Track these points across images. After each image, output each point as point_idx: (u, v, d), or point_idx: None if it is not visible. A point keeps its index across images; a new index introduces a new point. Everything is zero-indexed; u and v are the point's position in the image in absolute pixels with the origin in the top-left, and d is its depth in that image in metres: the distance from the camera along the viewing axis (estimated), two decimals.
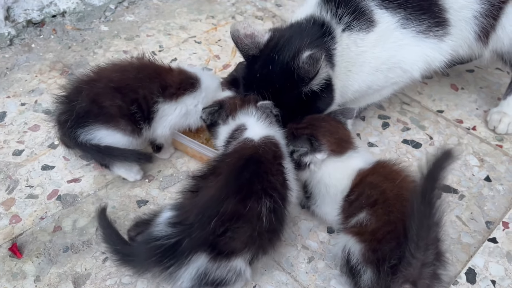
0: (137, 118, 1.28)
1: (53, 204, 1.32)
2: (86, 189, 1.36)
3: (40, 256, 1.19)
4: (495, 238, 1.25)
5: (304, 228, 1.27)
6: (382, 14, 1.25)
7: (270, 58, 1.21)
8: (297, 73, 1.16)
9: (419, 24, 1.27)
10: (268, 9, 2.20)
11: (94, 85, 1.25)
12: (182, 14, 2.15)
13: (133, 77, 1.27)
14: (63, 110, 1.27)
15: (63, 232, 1.25)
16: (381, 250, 0.97)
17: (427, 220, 0.88)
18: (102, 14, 2.11)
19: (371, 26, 1.25)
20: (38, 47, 1.91)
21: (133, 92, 1.26)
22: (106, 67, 1.34)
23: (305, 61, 1.14)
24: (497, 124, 1.55)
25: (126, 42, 1.95)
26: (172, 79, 1.32)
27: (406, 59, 1.30)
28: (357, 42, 1.25)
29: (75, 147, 1.28)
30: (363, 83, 1.31)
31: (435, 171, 0.86)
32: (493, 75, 1.82)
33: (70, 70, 1.79)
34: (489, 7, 1.31)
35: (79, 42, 1.95)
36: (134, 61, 1.34)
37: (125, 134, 1.27)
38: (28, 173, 1.40)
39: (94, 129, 1.24)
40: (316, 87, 1.19)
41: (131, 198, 1.34)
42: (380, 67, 1.29)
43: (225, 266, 0.95)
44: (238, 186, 0.96)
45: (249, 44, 1.23)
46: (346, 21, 1.24)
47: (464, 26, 1.33)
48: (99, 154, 1.27)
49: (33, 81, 1.74)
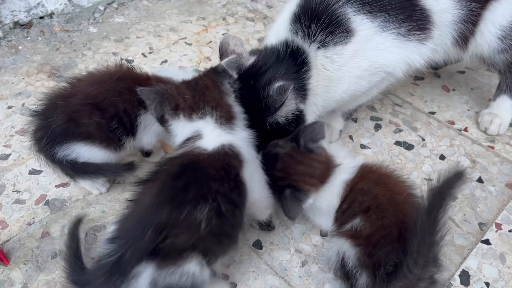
0: (118, 133, 1.23)
1: (41, 209, 1.29)
2: (75, 193, 1.33)
3: (27, 263, 1.16)
4: (488, 239, 1.24)
5: (297, 232, 1.25)
6: (360, 20, 1.22)
7: (247, 83, 1.18)
8: (265, 102, 1.15)
9: (399, 26, 1.24)
10: (259, 11, 2.19)
11: (70, 101, 1.19)
12: (172, 16, 2.13)
13: (111, 89, 1.21)
14: (39, 126, 1.21)
15: (51, 238, 1.22)
16: (376, 254, 0.96)
17: (430, 238, 0.87)
18: (91, 15, 2.08)
19: (349, 36, 1.21)
20: (26, 49, 1.88)
21: (112, 106, 1.20)
22: (83, 79, 1.27)
23: (275, 91, 1.14)
24: (488, 125, 1.56)
25: (115, 44, 1.93)
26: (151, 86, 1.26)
27: (389, 62, 1.28)
28: (333, 58, 1.23)
29: (52, 164, 1.22)
30: (345, 92, 1.29)
31: (444, 190, 0.85)
32: (483, 77, 1.82)
33: (58, 72, 1.76)
34: (467, 13, 1.31)
35: (68, 44, 1.92)
36: (111, 70, 1.27)
37: (105, 149, 1.23)
38: (15, 178, 1.37)
39: (72, 145, 1.20)
40: (282, 120, 1.18)
41: (121, 202, 1.31)
42: (362, 74, 1.27)
43: (176, 271, 0.93)
44: (172, 194, 0.94)
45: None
46: (320, 39, 1.21)
47: (444, 31, 1.33)
48: (75, 172, 1.22)
49: (20, 84, 1.70)
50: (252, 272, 1.16)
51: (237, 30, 2.04)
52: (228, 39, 1.22)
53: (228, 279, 1.14)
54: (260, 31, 2.03)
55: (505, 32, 1.36)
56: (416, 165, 1.45)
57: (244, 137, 1.10)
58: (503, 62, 1.44)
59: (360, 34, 1.22)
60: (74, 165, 1.21)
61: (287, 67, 1.21)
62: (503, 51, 1.40)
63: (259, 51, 1.27)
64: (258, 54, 1.25)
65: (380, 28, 1.23)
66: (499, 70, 1.49)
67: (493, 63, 1.45)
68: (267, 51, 1.25)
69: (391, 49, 1.26)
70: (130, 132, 1.25)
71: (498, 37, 1.37)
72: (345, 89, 1.28)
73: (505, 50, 1.40)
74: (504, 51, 1.40)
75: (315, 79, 1.23)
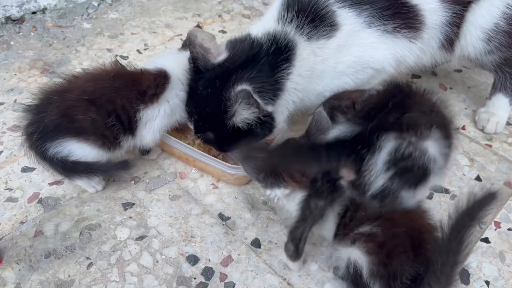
0: (115, 131, 1.20)
1: (34, 208, 1.26)
2: (69, 191, 1.31)
3: (20, 262, 1.13)
4: (487, 238, 1.24)
5: None
6: (345, 14, 1.20)
7: (212, 82, 1.14)
8: (224, 104, 1.11)
9: (385, 23, 1.22)
10: (255, 8, 2.17)
11: (66, 96, 1.16)
12: (167, 12, 2.10)
13: (109, 86, 1.19)
14: (31, 121, 1.18)
15: (44, 237, 1.19)
16: (391, 265, 0.93)
17: (454, 257, 0.84)
18: (84, 11, 2.05)
19: (333, 30, 1.19)
20: (18, 44, 1.84)
21: (110, 103, 1.18)
22: (79, 76, 1.24)
23: (235, 95, 1.09)
24: (486, 124, 1.56)
25: (109, 40, 1.90)
26: (148, 80, 1.24)
27: (374, 58, 1.25)
28: (316, 51, 1.20)
29: (42, 161, 1.19)
30: (327, 87, 1.26)
31: (474, 210, 0.82)
32: (480, 75, 1.82)
33: (51, 69, 1.73)
34: (452, 15, 1.29)
35: (61, 40, 1.88)
36: (108, 68, 1.25)
37: (99, 148, 1.20)
38: (7, 176, 1.34)
39: (64, 142, 1.16)
40: (242, 124, 1.13)
41: (117, 200, 1.29)
42: (346, 70, 1.25)
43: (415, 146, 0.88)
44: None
45: (200, 55, 1.16)
46: (307, 31, 1.18)
47: (432, 33, 1.31)
48: (65, 170, 1.20)
49: (12, 80, 1.67)
50: (251, 271, 1.14)
51: (233, 27, 2.02)
52: (197, 32, 1.17)
53: (226, 279, 1.12)
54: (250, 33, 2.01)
55: (488, 35, 1.34)
56: None
57: None
58: (491, 63, 1.43)
59: (345, 29, 1.20)
60: (64, 164, 1.18)
61: (261, 67, 1.14)
62: (490, 52, 1.38)
63: (236, 43, 1.20)
64: (233, 49, 1.18)
65: (366, 24, 1.21)
66: (489, 70, 1.49)
67: (481, 64, 1.44)
68: (245, 45, 1.19)
69: (377, 45, 1.24)
70: (129, 130, 1.23)
71: (481, 39, 1.35)
72: (328, 83, 1.25)
73: (492, 51, 1.38)
74: (491, 53, 1.39)
75: (297, 74, 1.19)
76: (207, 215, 1.26)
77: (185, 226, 1.23)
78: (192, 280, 1.11)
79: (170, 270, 1.13)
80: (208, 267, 1.14)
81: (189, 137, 1.43)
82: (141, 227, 1.22)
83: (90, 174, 1.23)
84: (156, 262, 1.15)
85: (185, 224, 1.24)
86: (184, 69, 1.26)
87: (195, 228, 1.23)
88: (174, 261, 1.15)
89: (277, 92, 1.17)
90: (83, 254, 1.15)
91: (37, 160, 1.20)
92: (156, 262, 1.15)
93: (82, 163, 1.19)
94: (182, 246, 1.18)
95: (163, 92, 1.26)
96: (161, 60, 1.35)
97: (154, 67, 1.29)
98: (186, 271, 1.13)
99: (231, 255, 1.17)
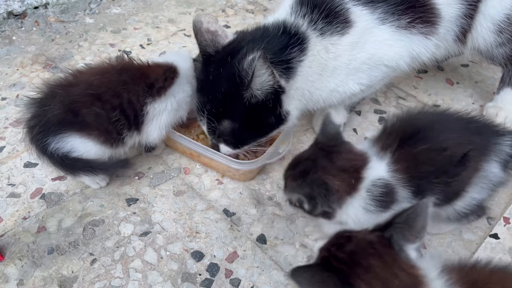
0: (119, 126, 1.18)
1: (36, 203, 1.24)
2: (72, 187, 1.29)
3: (23, 258, 1.12)
4: (496, 234, 1.22)
5: (302, 226, 1.22)
6: (360, 11, 1.17)
7: (223, 60, 1.12)
8: (238, 75, 1.07)
9: (399, 18, 1.19)
10: (259, 2, 2.15)
11: (71, 90, 1.14)
12: (170, 7, 2.08)
13: (115, 80, 1.17)
14: (34, 114, 1.16)
15: (47, 232, 1.18)
16: None
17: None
18: (87, 6, 2.03)
19: (346, 27, 1.17)
20: (20, 39, 1.83)
21: (116, 97, 1.15)
22: (85, 70, 1.23)
23: (248, 62, 1.05)
24: (494, 119, 1.53)
25: (112, 35, 1.88)
26: (156, 73, 1.23)
27: (388, 56, 1.23)
28: (328, 48, 1.17)
29: (43, 156, 1.16)
30: (341, 84, 1.23)
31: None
32: (487, 70, 1.80)
33: (53, 64, 1.71)
34: (467, 6, 1.27)
35: (63, 35, 1.87)
36: (114, 62, 1.23)
37: (102, 144, 1.18)
38: (9, 171, 1.33)
39: (66, 136, 1.14)
40: (258, 93, 1.08)
41: (120, 196, 1.27)
42: (360, 67, 1.22)
43: None
44: None
45: (208, 41, 1.15)
46: (320, 27, 1.15)
47: (448, 26, 1.29)
48: (65, 167, 1.17)
49: (14, 75, 1.65)
50: (257, 268, 1.12)
51: (236, 22, 2.00)
52: (201, 17, 1.15)
53: (231, 275, 1.10)
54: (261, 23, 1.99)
55: (499, 26, 1.32)
56: None
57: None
58: (502, 56, 1.41)
59: (359, 26, 1.17)
60: (63, 160, 1.15)
61: (270, 42, 1.13)
62: (501, 45, 1.37)
63: (245, 31, 1.20)
64: (238, 33, 1.18)
65: (380, 21, 1.18)
66: (499, 64, 1.46)
67: (491, 56, 1.42)
68: (254, 30, 1.18)
69: (391, 42, 1.21)
70: (134, 125, 1.21)
71: (492, 31, 1.33)
72: (341, 79, 1.22)
73: (503, 44, 1.36)
74: (502, 45, 1.37)
75: (308, 65, 1.16)
76: (212, 211, 1.25)
77: (189, 222, 1.22)
78: (197, 277, 1.10)
79: (174, 266, 1.12)
80: (213, 263, 1.13)
81: (193, 132, 1.42)
82: (145, 223, 1.21)
83: (89, 172, 1.19)
84: (161, 258, 1.13)
85: (190, 220, 1.22)
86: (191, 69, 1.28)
87: (200, 224, 1.21)
88: (178, 257, 1.14)
89: (288, 71, 1.13)
90: (86, 250, 1.14)
91: (37, 154, 1.18)
92: (161, 258, 1.13)
93: (82, 160, 1.17)
94: (186, 242, 1.17)
95: (171, 86, 1.25)
96: (173, 55, 1.35)
97: (164, 61, 1.28)
98: (191, 267, 1.11)
99: (236, 251, 1.16)
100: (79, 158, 1.17)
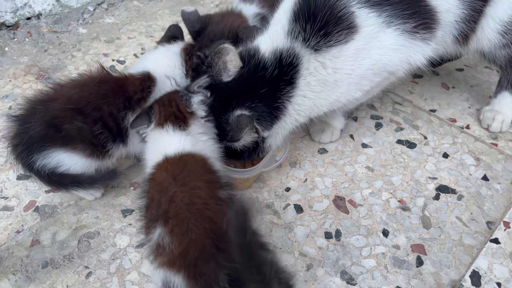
0: (102, 139, 1.16)
1: (30, 216, 1.22)
2: (66, 199, 1.27)
3: (16, 272, 1.09)
4: (497, 238, 1.21)
5: (300, 234, 1.20)
6: (366, 15, 1.13)
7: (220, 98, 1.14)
8: (224, 127, 1.13)
9: (405, 22, 1.17)
10: None
11: (50, 105, 1.12)
12: (164, 16, 2.08)
13: (95, 92, 1.14)
14: (16, 132, 1.14)
15: (41, 246, 1.15)
16: (202, 276, 0.80)
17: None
18: (80, 16, 2.02)
19: (351, 33, 1.13)
20: (12, 50, 1.81)
21: (96, 110, 1.13)
22: (64, 84, 1.20)
23: (234, 120, 1.10)
24: (491, 123, 1.53)
25: (106, 45, 1.87)
26: (133, 85, 1.20)
27: (392, 61, 1.21)
28: (326, 63, 1.14)
29: (30, 172, 1.15)
30: (344, 93, 1.21)
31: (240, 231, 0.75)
32: (482, 74, 1.80)
33: (46, 74, 1.69)
34: (470, 12, 1.27)
35: (56, 45, 1.85)
36: (94, 74, 1.20)
37: (88, 157, 1.16)
38: (2, 184, 1.30)
39: (51, 152, 1.12)
40: (240, 145, 1.16)
41: (116, 207, 1.25)
42: (365, 73, 1.20)
43: None
44: None
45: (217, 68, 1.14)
46: (315, 42, 1.12)
47: (446, 30, 1.29)
48: (52, 184, 1.16)
49: (7, 86, 1.64)
50: None
51: None
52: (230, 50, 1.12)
53: None
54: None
55: (506, 28, 1.33)
56: (420, 164, 1.41)
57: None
58: (504, 58, 1.41)
59: (365, 31, 1.14)
60: (50, 177, 1.13)
61: (262, 96, 1.13)
62: (505, 46, 1.37)
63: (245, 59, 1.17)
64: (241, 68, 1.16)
65: (386, 24, 1.15)
66: (500, 66, 1.46)
67: (494, 58, 1.42)
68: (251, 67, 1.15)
69: (396, 47, 1.18)
70: (119, 137, 1.19)
71: (498, 32, 1.34)
72: (345, 90, 1.20)
73: (507, 45, 1.37)
74: (506, 47, 1.38)
75: (301, 94, 1.16)
76: None
77: None
78: None
79: None
80: None
81: None
82: (141, 234, 1.18)
83: (76, 187, 1.17)
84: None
85: None
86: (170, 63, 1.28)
87: None
88: None
89: (275, 119, 1.17)
90: (81, 263, 1.11)
91: (24, 172, 1.16)
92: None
93: (68, 176, 1.15)
94: None
95: (150, 95, 1.23)
96: (143, 62, 1.31)
97: (137, 71, 1.25)
98: None
99: None
100: (66, 174, 1.14)
